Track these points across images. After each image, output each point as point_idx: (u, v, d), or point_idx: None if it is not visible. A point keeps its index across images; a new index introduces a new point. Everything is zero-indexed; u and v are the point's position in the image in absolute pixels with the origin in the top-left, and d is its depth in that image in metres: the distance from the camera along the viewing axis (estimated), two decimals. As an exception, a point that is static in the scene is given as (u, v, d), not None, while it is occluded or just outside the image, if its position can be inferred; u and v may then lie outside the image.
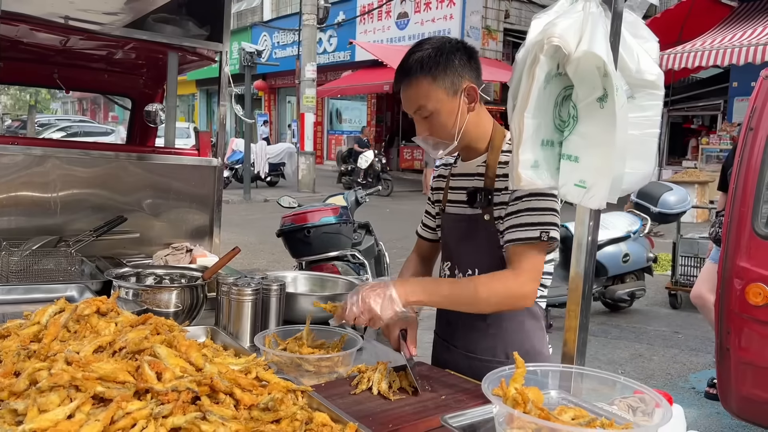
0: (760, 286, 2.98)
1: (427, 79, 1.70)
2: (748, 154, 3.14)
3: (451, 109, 1.73)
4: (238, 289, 1.91)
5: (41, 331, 1.39)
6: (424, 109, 1.73)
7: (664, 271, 7.63)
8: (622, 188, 1.35)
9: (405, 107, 1.80)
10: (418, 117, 1.77)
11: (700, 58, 11.37)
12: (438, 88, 1.71)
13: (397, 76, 1.78)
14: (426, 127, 1.77)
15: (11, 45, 3.13)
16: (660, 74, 1.39)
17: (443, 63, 1.70)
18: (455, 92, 1.72)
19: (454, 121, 1.73)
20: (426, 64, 1.70)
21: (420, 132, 1.80)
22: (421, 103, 1.73)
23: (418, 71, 1.71)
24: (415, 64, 1.72)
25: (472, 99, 1.75)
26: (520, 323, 1.84)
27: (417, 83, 1.72)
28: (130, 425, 1.06)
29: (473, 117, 1.77)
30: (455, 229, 1.94)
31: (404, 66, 1.75)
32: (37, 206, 2.89)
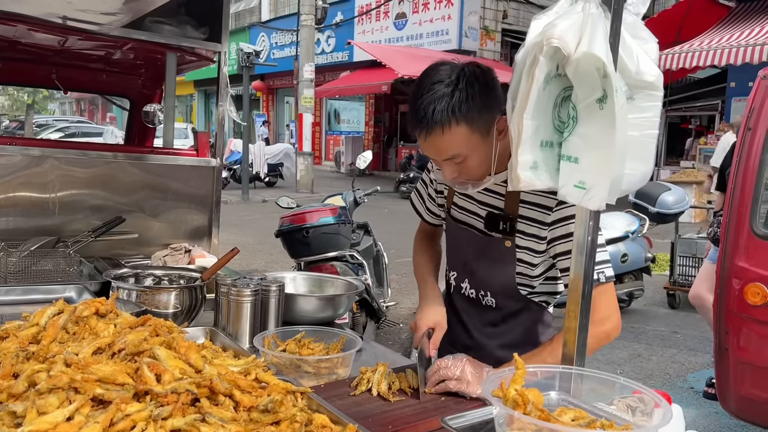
0: (758, 285, 2.99)
1: (461, 126, 1.51)
2: (746, 154, 3.14)
3: (485, 149, 1.58)
4: (237, 290, 1.91)
5: (40, 332, 1.38)
6: (458, 157, 1.57)
7: (662, 271, 7.64)
8: (621, 189, 1.35)
9: (430, 154, 1.61)
10: (448, 162, 1.60)
11: (698, 59, 11.39)
12: (473, 134, 1.53)
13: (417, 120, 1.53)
14: (455, 170, 1.61)
15: (9, 45, 3.12)
16: (659, 75, 1.39)
17: (476, 105, 1.50)
18: (489, 131, 1.57)
19: (489, 160, 1.59)
20: (459, 109, 1.49)
21: (448, 175, 1.63)
22: (455, 152, 1.55)
23: (449, 117, 1.49)
24: (443, 109, 1.49)
25: (503, 129, 1.57)
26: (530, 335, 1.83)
27: (450, 131, 1.51)
28: (130, 427, 1.06)
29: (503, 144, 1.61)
30: (468, 244, 1.87)
31: (427, 110, 1.50)
32: (35, 207, 2.89)
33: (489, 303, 1.87)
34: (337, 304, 2.19)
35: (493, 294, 1.84)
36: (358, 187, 5.59)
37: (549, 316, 1.89)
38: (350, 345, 1.76)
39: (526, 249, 1.72)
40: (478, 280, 1.87)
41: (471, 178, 1.64)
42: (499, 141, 1.59)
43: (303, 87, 16.52)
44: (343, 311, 2.26)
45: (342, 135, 23.30)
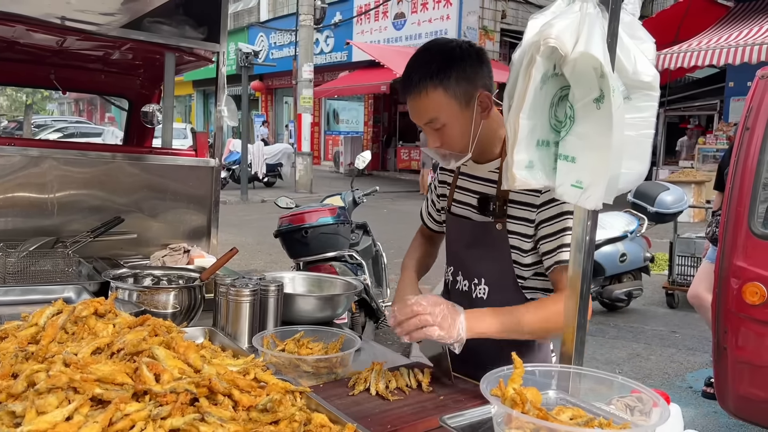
0: (756, 285, 2.99)
1: (438, 90, 1.61)
2: (744, 153, 3.15)
3: (464, 119, 1.65)
4: (236, 290, 1.91)
5: (39, 332, 1.38)
6: (436, 122, 1.65)
7: (661, 270, 7.65)
8: (618, 188, 1.35)
9: (413, 118, 1.70)
10: (429, 129, 1.68)
11: (696, 58, 11.41)
12: (450, 100, 1.61)
13: (403, 85, 1.67)
14: (437, 138, 1.69)
15: (8, 45, 3.12)
16: (656, 75, 1.39)
17: (456, 72, 1.60)
18: (468, 102, 1.64)
19: (468, 131, 1.65)
20: (436, 74, 1.60)
21: (432, 143, 1.71)
22: (432, 115, 1.64)
23: (427, 82, 1.60)
24: (423, 74, 1.61)
25: (486, 106, 1.67)
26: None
27: (427, 95, 1.61)
28: (129, 427, 1.06)
29: (487, 124, 1.70)
30: (461, 234, 1.89)
31: (411, 75, 1.64)
32: (34, 207, 2.89)
33: (480, 294, 1.83)
34: (336, 304, 2.19)
35: (486, 282, 1.81)
36: (357, 187, 5.59)
37: None
38: (349, 345, 1.76)
39: (517, 234, 1.72)
40: (471, 269, 1.86)
41: (452, 149, 1.69)
42: (482, 118, 1.67)
43: (302, 87, 16.53)
44: (341, 311, 2.26)
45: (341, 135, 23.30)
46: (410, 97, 1.65)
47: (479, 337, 1.56)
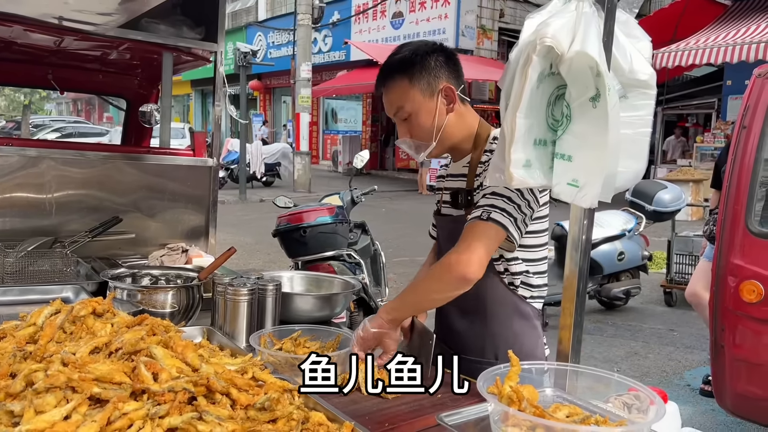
0: (753, 283, 3.00)
1: (404, 80, 1.74)
2: (741, 151, 3.15)
3: (428, 109, 1.75)
4: (234, 289, 1.91)
5: (37, 332, 1.39)
6: (403, 111, 1.76)
7: (659, 269, 7.65)
8: (615, 186, 1.36)
9: (386, 111, 1.83)
10: (399, 119, 1.80)
11: (694, 57, 11.42)
12: (414, 89, 1.74)
13: (377, 81, 1.82)
14: (406, 129, 1.80)
15: (5, 46, 3.12)
16: (652, 74, 1.40)
17: (419, 64, 1.73)
18: (432, 93, 1.75)
19: (432, 122, 1.76)
20: (402, 66, 1.75)
21: (401, 134, 1.83)
22: (398, 104, 1.76)
23: (395, 73, 1.76)
24: (391, 67, 1.77)
25: (451, 100, 1.77)
26: (508, 323, 1.82)
27: (394, 85, 1.76)
28: (127, 426, 1.06)
29: (454, 118, 1.78)
30: (444, 229, 1.96)
31: (382, 69, 1.80)
32: (32, 207, 2.89)
33: None
34: (334, 303, 2.20)
35: None
36: (356, 186, 5.59)
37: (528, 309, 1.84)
38: (346, 343, 1.76)
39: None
40: None
41: (420, 138, 1.78)
42: (448, 111, 1.77)
43: (300, 86, 16.51)
44: (340, 310, 2.27)
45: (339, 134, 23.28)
46: (382, 89, 1.80)
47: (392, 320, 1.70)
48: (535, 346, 1.84)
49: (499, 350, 1.82)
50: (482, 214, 1.64)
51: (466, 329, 1.89)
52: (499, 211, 1.63)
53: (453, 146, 1.85)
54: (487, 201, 1.66)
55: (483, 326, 1.84)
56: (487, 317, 1.83)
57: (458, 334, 1.91)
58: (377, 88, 1.83)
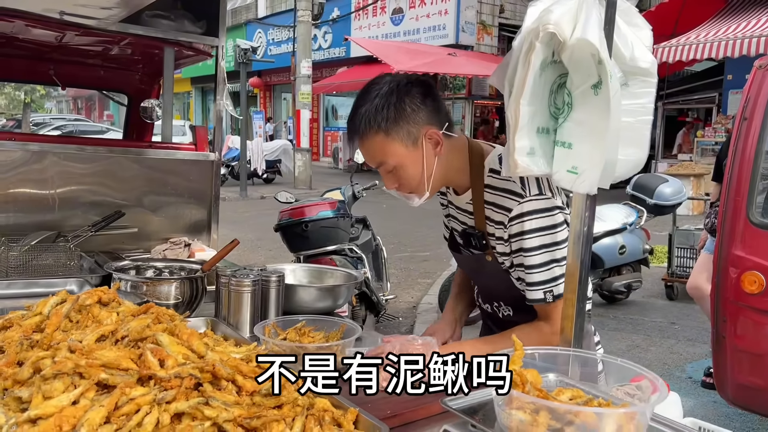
0: (755, 274, 3.01)
1: (380, 135, 1.56)
2: (742, 143, 3.16)
3: (414, 160, 1.59)
4: (237, 280, 1.92)
5: (43, 321, 1.40)
6: (386, 165, 1.61)
7: (660, 263, 7.66)
8: (615, 175, 1.36)
9: (366, 161, 1.68)
10: (383, 171, 1.64)
11: (695, 51, 11.40)
12: (394, 142, 1.57)
13: (348, 128, 1.65)
14: (393, 180, 1.65)
15: (7, 41, 3.13)
16: (653, 62, 1.40)
17: (393, 114, 1.55)
18: (415, 141, 1.58)
19: (421, 171, 1.61)
20: (374, 119, 1.55)
21: (388, 185, 1.68)
22: (379, 159, 1.61)
23: (367, 128, 1.57)
24: (362, 121, 1.57)
25: (436, 143, 1.61)
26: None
27: (369, 140, 1.58)
28: (134, 411, 1.07)
29: (443, 159, 1.64)
30: (465, 262, 1.93)
31: (352, 121, 1.62)
32: (35, 202, 2.90)
33: (507, 313, 1.86)
34: (337, 294, 2.21)
35: (506, 304, 1.84)
36: (357, 182, 5.60)
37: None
38: (350, 333, 1.77)
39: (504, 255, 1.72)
40: (485, 294, 1.91)
41: (410, 190, 1.65)
42: (436, 155, 1.61)
43: (300, 83, 16.51)
44: (342, 302, 2.27)
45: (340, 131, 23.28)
46: (356, 141, 1.62)
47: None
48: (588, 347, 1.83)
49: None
50: (546, 296, 1.62)
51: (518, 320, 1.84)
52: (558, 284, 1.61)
53: (449, 182, 1.74)
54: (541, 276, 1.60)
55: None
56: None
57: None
58: (350, 137, 1.64)
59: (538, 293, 1.62)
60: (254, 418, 1.12)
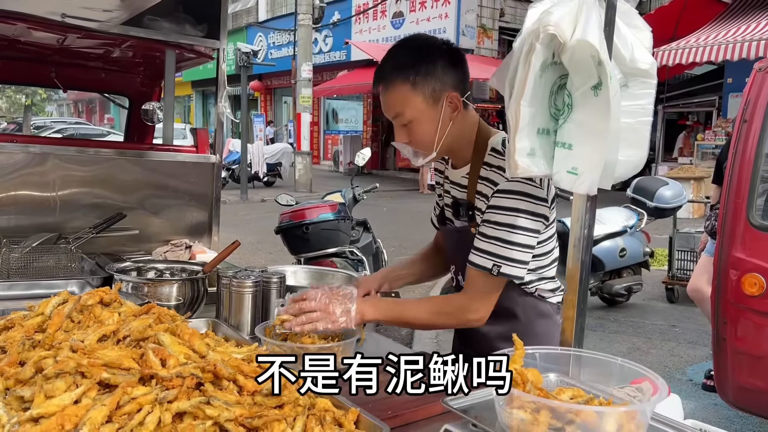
0: (755, 276, 3.01)
1: (406, 85, 1.60)
2: (742, 145, 3.17)
3: (431, 118, 1.63)
4: (239, 281, 1.92)
5: (45, 321, 1.40)
6: (403, 117, 1.64)
7: (660, 265, 7.66)
8: (614, 176, 1.37)
9: (384, 111, 1.71)
10: (397, 123, 1.68)
11: (695, 55, 11.42)
12: (417, 96, 1.61)
13: (375, 78, 1.68)
14: (405, 134, 1.68)
15: (9, 44, 3.14)
16: (653, 63, 1.41)
17: (424, 69, 1.59)
18: (436, 101, 1.62)
19: (434, 131, 1.64)
20: (405, 69, 1.60)
21: (399, 138, 1.71)
22: (398, 110, 1.64)
23: (396, 76, 1.61)
24: (393, 68, 1.62)
25: (455, 108, 1.65)
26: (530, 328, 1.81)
27: (394, 89, 1.62)
28: (136, 410, 1.08)
29: (456, 125, 1.68)
30: (450, 237, 1.95)
31: (382, 68, 1.65)
32: (36, 204, 2.90)
33: None
34: (338, 296, 2.20)
35: None
36: (357, 184, 5.61)
37: (547, 307, 1.86)
38: (350, 334, 1.77)
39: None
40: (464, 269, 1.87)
41: (419, 146, 1.69)
42: (451, 120, 1.66)
43: (301, 86, 16.54)
44: (343, 303, 2.27)
45: (340, 134, 23.31)
46: (380, 89, 1.66)
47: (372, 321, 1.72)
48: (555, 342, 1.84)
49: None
50: (493, 268, 1.63)
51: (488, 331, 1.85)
52: (508, 264, 1.63)
53: (452, 151, 1.77)
54: (496, 249, 1.63)
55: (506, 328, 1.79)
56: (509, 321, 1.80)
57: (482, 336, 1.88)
58: (375, 86, 1.69)
59: (487, 261, 1.64)
60: (255, 417, 1.12)
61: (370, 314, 1.68)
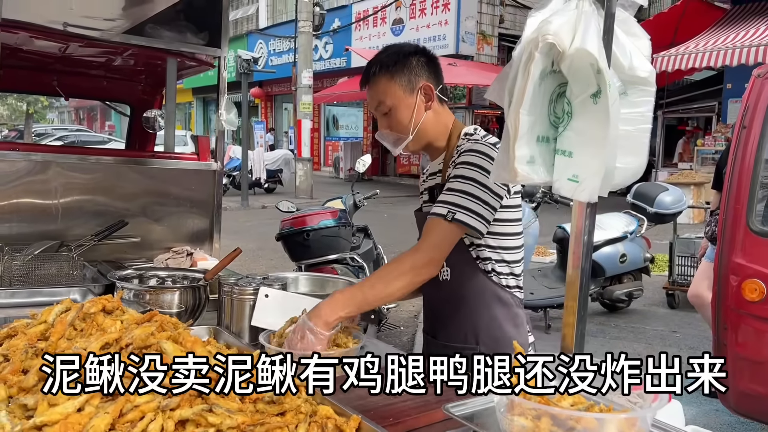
0: (755, 282, 3.02)
1: (386, 76, 1.86)
2: (742, 151, 3.18)
3: (407, 105, 1.86)
4: (240, 288, 1.93)
5: (48, 329, 1.41)
6: (384, 105, 1.87)
7: (661, 271, 7.66)
8: (613, 183, 1.38)
9: (369, 106, 1.97)
10: (379, 113, 1.91)
11: (694, 60, 11.45)
12: (395, 85, 1.85)
13: (362, 78, 1.93)
14: (386, 123, 1.90)
15: (11, 53, 3.15)
16: (652, 71, 1.42)
17: (400, 62, 1.85)
18: (412, 90, 1.86)
19: (410, 116, 1.86)
20: (385, 64, 1.87)
21: (381, 127, 1.93)
22: (380, 99, 1.87)
23: (377, 71, 1.87)
24: (375, 65, 1.88)
25: (429, 98, 1.87)
26: (487, 309, 1.88)
27: (377, 81, 1.87)
28: (139, 418, 1.08)
29: (431, 116, 1.89)
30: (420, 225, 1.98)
31: (368, 69, 1.91)
32: (38, 212, 2.92)
33: (445, 276, 1.92)
34: (339, 303, 2.21)
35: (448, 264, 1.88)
36: (358, 190, 5.62)
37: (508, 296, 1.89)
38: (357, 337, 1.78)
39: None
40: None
41: (398, 129, 1.88)
42: (426, 108, 1.87)
43: (301, 93, 16.57)
44: (344, 310, 2.28)
45: (340, 141, 23.34)
46: (366, 85, 1.91)
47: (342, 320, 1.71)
48: (517, 333, 1.88)
49: (479, 335, 1.88)
50: (447, 214, 1.71)
51: (449, 316, 1.94)
52: (464, 212, 1.71)
53: (429, 143, 1.93)
54: (453, 198, 1.73)
55: (464, 312, 1.90)
56: (467, 303, 1.89)
57: (442, 321, 1.97)
58: (362, 85, 1.93)
59: (442, 209, 1.73)
60: (258, 425, 1.13)
61: (331, 316, 1.66)
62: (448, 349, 1.88)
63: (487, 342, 1.88)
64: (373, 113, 1.95)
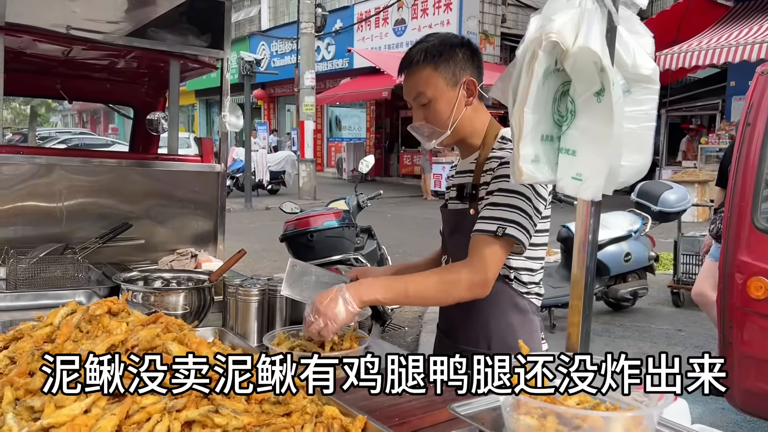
0: (761, 279, 3.00)
1: (429, 66, 1.76)
2: (746, 148, 3.17)
3: (449, 98, 1.77)
4: (245, 290, 1.93)
5: (54, 332, 1.41)
6: (423, 96, 1.78)
7: (666, 270, 7.64)
8: (618, 181, 1.38)
9: (405, 95, 1.84)
10: (416, 104, 1.81)
11: (697, 58, 11.43)
12: (438, 77, 1.76)
13: (400, 65, 1.83)
14: (422, 115, 1.81)
15: (15, 56, 3.16)
16: (655, 69, 1.42)
17: (446, 54, 1.76)
18: (455, 83, 1.77)
19: (450, 110, 1.78)
20: (429, 53, 1.76)
21: (416, 119, 1.84)
22: (420, 89, 1.78)
23: (421, 59, 1.77)
24: (418, 53, 1.78)
25: (471, 93, 1.80)
26: (503, 315, 1.84)
27: (419, 70, 1.78)
28: (145, 419, 1.09)
29: (470, 112, 1.81)
30: (449, 222, 1.99)
31: (408, 54, 1.81)
32: (43, 215, 2.92)
33: None
34: (343, 303, 2.21)
35: None
36: (361, 191, 5.62)
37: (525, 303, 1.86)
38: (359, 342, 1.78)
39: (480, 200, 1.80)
40: (455, 254, 1.91)
41: (435, 124, 1.80)
42: (466, 104, 1.80)
43: (304, 94, 16.59)
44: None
45: (343, 141, 23.35)
46: (404, 74, 1.82)
47: (372, 304, 1.68)
48: (530, 339, 1.84)
49: (492, 340, 1.85)
50: (498, 230, 1.65)
51: (463, 319, 1.91)
52: (514, 226, 1.65)
53: (463, 139, 1.87)
54: (501, 213, 1.66)
55: (478, 317, 1.86)
56: (483, 308, 1.84)
57: (455, 324, 1.95)
58: (399, 72, 1.84)
59: (491, 225, 1.66)
60: (263, 425, 1.13)
61: (367, 295, 1.64)
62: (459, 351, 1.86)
63: (499, 347, 1.83)
64: (409, 102, 1.84)
